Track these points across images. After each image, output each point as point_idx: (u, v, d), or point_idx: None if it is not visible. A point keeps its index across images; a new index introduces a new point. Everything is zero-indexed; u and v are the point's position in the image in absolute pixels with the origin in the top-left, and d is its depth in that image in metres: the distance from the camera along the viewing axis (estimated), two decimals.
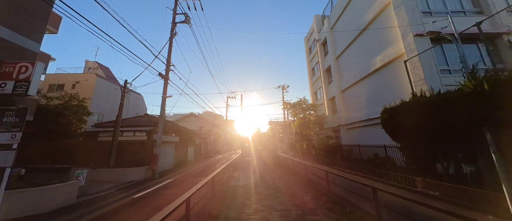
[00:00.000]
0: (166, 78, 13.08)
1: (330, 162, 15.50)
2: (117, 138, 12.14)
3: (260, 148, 53.23)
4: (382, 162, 10.60)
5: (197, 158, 22.15)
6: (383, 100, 13.35)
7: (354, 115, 16.62)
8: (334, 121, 20.31)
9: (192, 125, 36.81)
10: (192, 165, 17.40)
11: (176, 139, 15.95)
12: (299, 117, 21.31)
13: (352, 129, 17.00)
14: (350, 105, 17.59)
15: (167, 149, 14.95)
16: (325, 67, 22.21)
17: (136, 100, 27.72)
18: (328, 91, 21.79)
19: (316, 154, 19.20)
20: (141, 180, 10.96)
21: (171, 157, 15.74)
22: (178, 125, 22.05)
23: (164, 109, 12.98)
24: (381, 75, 13.50)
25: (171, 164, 15.62)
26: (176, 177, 11.82)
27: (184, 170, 14.46)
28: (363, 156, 12.65)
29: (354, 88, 16.96)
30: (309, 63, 27.92)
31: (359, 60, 16.15)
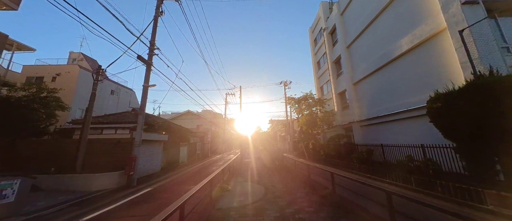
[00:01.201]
0: (149, 63, 10.66)
1: (343, 165, 13.07)
2: (86, 136, 9.72)
3: (260, 148, 50.79)
4: (420, 166, 8.18)
5: (191, 159, 19.73)
6: (412, 90, 10.93)
7: (371, 110, 14.19)
8: (345, 118, 17.89)
9: (189, 123, 34.42)
10: (184, 168, 14.98)
11: (164, 138, 13.54)
12: (305, 113, 18.88)
13: (369, 126, 14.57)
14: (366, 98, 15.15)
15: (152, 149, 12.53)
16: (334, 59, 19.78)
17: (127, 96, 25.34)
18: (337, 84, 19.35)
19: (325, 155, 16.78)
20: (112, 188, 8.54)
21: (159, 159, 13.33)
22: (169, 122, 19.65)
23: (145, 100, 10.57)
24: (408, 60, 11.07)
25: (158, 167, 13.20)
26: (158, 184, 9.39)
27: (172, 175, 12.03)
28: (389, 159, 10.23)
29: (371, 79, 14.53)
30: (314, 56, 25.49)
31: (376, 46, 13.72)
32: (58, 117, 13.41)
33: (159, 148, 13.37)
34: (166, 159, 14.29)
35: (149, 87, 10.67)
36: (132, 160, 9.08)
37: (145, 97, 10.55)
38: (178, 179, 10.67)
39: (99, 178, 8.56)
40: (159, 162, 13.34)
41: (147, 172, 11.72)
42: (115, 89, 23.73)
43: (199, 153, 21.90)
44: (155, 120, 17.23)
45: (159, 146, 13.39)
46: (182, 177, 11.36)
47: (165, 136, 13.66)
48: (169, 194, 7.63)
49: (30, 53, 20.02)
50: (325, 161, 15.71)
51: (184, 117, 35.94)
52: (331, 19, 20.04)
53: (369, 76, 14.60)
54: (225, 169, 8.93)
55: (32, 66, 19.24)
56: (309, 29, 26.76)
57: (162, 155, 13.78)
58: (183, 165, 16.66)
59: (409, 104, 10.62)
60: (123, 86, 24.73)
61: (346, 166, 12.86)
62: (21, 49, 18.94)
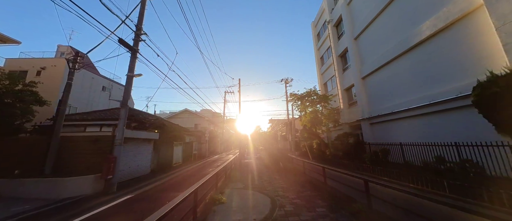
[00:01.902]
0: (134, 50, 9.22)
1: (354, 166, 11.65)
2: (58, 133, 8.27)
3: (260, 147, 49.29)
4: (453, 168, 6.76)
5: (187, 159, 18.27)
6: (435, 81, 9.53)
7: (382, 106, 12.77)
8: (352, 115, 16.47)
9: (187, 122, 32.98)
10: (177, 170, 13.52)
11: (154, 136, 12.08)
12: (309, 111, 17.44)
13: (380, 124, 13.15)
14: (376, 93, 13.73)
15: (140, 148, 11.08)
16: (339, 52, 18.37)
17: (120, 93, 23.80)
18: (343, 79, 17.94)
19: (332, 156, 15.34)
20: (85, 195, 7.09)
21: (148, 159, 11.87)
22: (162, 119, 18.20)
23: (129, 92, 9.14)
24: (430, 47, 9.66)
25: (148, 168, 11.75)
26: (142, 190, 7.93)
27: (162, 178, 10.58)
28: (410, 159, 8.80)
29: (382, 71, 13.11)
30: (317, 51, 24.09)
31: (389, 35, 12.32)
32: (36, 113, 11.94)
33: (148, 147, 11.91)
34: (158, 160, 12.83)
35: (134, 77, 9.23)
36: (111, 162, 7.62)
37: (129, 88, 9.11)
38: (168, 183, 9.21)
39: (69, 183, 7.10)
40: (149, 163, 11.88)
41: (134, 175, 10.26)
42: (107, 86, 22.27)
43: (195, 153, 20.45)
44: (146, 117, 15.79)
45: (148, 146, 11.93)
46: (173, 180, 9.89)
47: (156, 134, 12.21)
48: (149, 203, 6.18)
49: (15, 46, 18.61)
50: (331, 162, 14.27)
51: (182, 116, 34.49)
52: (336, 10, 18.64)
53: (380, 68, 13.19)
54: (220, 172, 7.48)
55: (15, 60, 17.81)
56: (312, 23, 25.36)
57: (153, 155, 12.32)
58: (177, 166, 15.20)
59: (430, 97, 9.21)
60: (115, 82, 23.27)
61: (357, 167, 11.43)
62: (5, 42, 17.50)
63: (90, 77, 20.03)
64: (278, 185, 7.96)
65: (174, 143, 15.35)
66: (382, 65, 12.91)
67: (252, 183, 8.30)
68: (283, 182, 8.60)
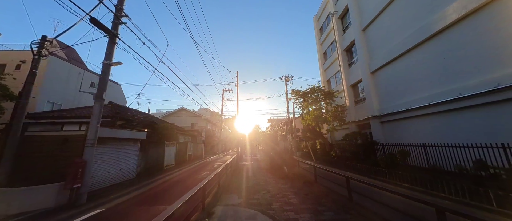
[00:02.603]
0: (113, 34, 7.78)
1: (365, 170, 10.32)
2: (17, 132, 6.81)
3: (260, 148, 47.95)
4: (499, 175, 5.44)
5: (181, 160, 16.83)
6: (465, 72, 8.19)
7: (395, 103, 11.46)
8: (359, 113, 15.15)
9: (183, 121, 31.52)
10: (168, 173, 12.10)
11: (141, 136, 10.64)
12: (312, 108, 16.11)
13: (393, 122, 11.83)
14: (388, 89, 12.41)
15: (123, 150, 9.63)
16: (345, 46, 17.04)
17: (111, 90, 22.28)
18: (350, 75, 16.60)
19: (338, 157, 14.00)
20: (45, 209, 5.66)
21: (134, 162, 10.43)
22: (153, 117, 16.74)
23: (105, 82, 7.74)
24: (456, 34, 8.33)
25: (133, 172, 10.30)
26: (117, 202, 6.49)
27: (148, 183, 9.15)
28: (437, 163, 7.47)
29: (395, 64, 11.80)
30: (320, 46, 22.75)
31: (404, 24, 11.01)
32: (5, 109, 10.45)
33: (134, 148, 10.46)
34: (146, 162, 11.38)
35: (112, 66, 7.80)
36: (79, 167, 6.18)
37: (105, 78, 7.70)
38: (152, 192, 7.78)
39: (23, 194, 5.65)
40: (134, 166, 10.43)
41: (115, 180, 8.81)
42: (97, 82, 20.68)
43: (191, 154, 19.01)
44: (135, 115, 14.33)
45: (134, 147, 10.48)
46: (159, 187, 8.46)
47: (143, 133, 10.76)
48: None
49: None
50: (338, 164, 12.93)
51: (178, 114, 33.00)
52: (341, 1, 17.29)
53: (393, 62, 11.87)
54: (213, 181, 6.06)
55: None
56: (314, 17, 24.02)
57: (140, 157, 10.88)
58: (169, 168, 13.76)
59: (457, 91, 7.89)
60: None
61: (369, 171, 10.10)
62: None
63: (76, 72, 18.51)
64: (286, 201, 6.21)
65: (165, 144, 13.90)
66: (395, 57, 11.59)
67: (251, 197, 6.63)
68: (292, 195, 6.85)
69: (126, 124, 12.29)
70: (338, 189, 6.54)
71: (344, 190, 5.99)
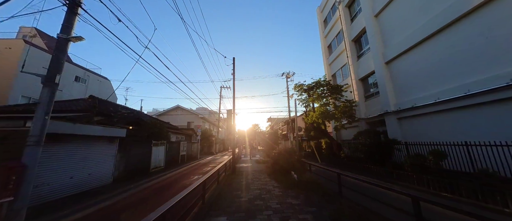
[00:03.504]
0: (73, 2, 6.04)
1: (385, 174, 8.64)
2: None
3: (260, 148, 46.13)
4: None
5: (172, 161, 15.09)
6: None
7: (417, 96, 9.79)
8: (371, 109, 13.46)
9: (179, 119, 29.79)
10: (153, 177, 10.36)
11: (119, 133, 8.87)
12: (319, 104, 14.40)
13: (414, 118, 10.14)
14: (406, 81, 10.73)
15: (93, 150, 7.87)
16: (353, 36, 15.36)
17: (99, 86, 20.54)
18: (359, 68, 14.93)
19: (348, 158, 12.30)
20: None
21: (110, 164, 8.67)
22: (138, 113, 14.98)
23: (60, 62, 5.92)
24: (501, 9, 6.67)
25: (109, 177, 8.55)
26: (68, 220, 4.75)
27: (123, 191, 7.40)
28: (489, 167, 5.78)
29: (416, 53, 10.13)
30: (324, 39, 21.07)
31: (427, 3, 9.35)
32: None
33: (110, 148, 8.70)
34: (126, 165, 9.63)
35: (71, 41, 6.04)
36: (11, 173, 4.41)
37: (60, 56, 5.91)
38: (121, 204, 6.02)
39: None
40: (111, 169, 8.67)
41: (80, 188, 7.05)
42: (82, 76, 18.94)
43: (184, 155, 17.25)
44: (119, 110, 12.57)
45: (110, 146, 8.71)
46: (135, 197, 6.71)
47: (121, 130, 9.00)
48: None
49: None
50: (349, 167, 11.24)
51: (174, 113, 31.23)
52: None
53: (414, 48, 10.20)
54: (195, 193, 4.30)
55: None
56: (317, 9, 22.34)
57: (118, 159, 9.12)
58: (156, 171, 12.02)
59: (508, 76, 6.21)
60: (93, 73, 19.95)
61: (389, 175, 8.41)
62: None
63: None
64: None
65: (153, 143, 12.15)
66: (416, 43, 9.93)
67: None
68: (312, 219, 4.47)
69: (105, 120, 10.55)
70: (380, 208, 4.48)
71: (393, 212, 4.04)
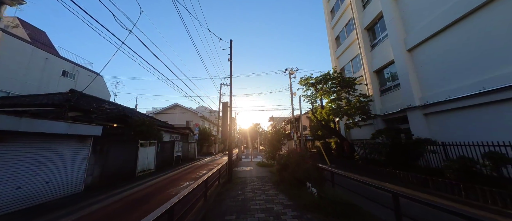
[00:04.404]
0: None
1: (418, 181, 6.95)
2: None
3: (261, 148, 44.48)
4: None
5: (165, 163, 13.48)
6: None
7: (449, 87, 8.10)
8: (388, 105, 11.75)
9: (177, 118, 28.24)
10: (137, 183, 8.78)
11: (92, 131, 7.24)
12: (329, 99, 12.72)
13: (445, 113, 8.43)
14: (435, 70, 9.01)
15: (54, 151, 6.25)
16: (366, 24, 13.65)
17: (89, 81, 18.93)
18: (373, 59, 13.21)
19: (363, 161, 10.59)
20: None
21: (81, 169, 7.05)
22: (125, 108, 13.36)
23: None
24: None
25: (79, 184, 6.94)
26: None
27: (93, 202, 5.81)
28: None
29: (447, 36, 8.43)
30: (331, 31, 19.36)
31: None
32: None
33: (79, 149, 7.07)
34: (103, 169, 8.01)
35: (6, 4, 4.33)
36: None
37: None
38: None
39: None
40: (81, 174, 7.05)
41: (33, 200, 5.45)
42: (71, 71, 17.39)
43: (179, 156, 15.64)
44: (102, 105, 11.00)
45: (79, 147, 7.09)
46: (101, 213, 5.09)
47: (95, 128, 7.37)
48: None
49: None
50: (365, 170, 9.56)
51: (171, 111, 29.68)
52: None
53: (445, 30, 8.50)
54: None
55: None
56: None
57: (91, 162, 7.51)
58: (143, 175, 10.41)
59: None
60: (83, 67, 18.39)
61: (422, 183, 6.73)
62: None
63: (42, 57, 15.17)
64: None
65: (140, 143, 10.54)
66: (449, 25, 8.22)
67: None
68: None
69: (83, 116, 8.96)
70: None
71: None
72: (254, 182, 7.70)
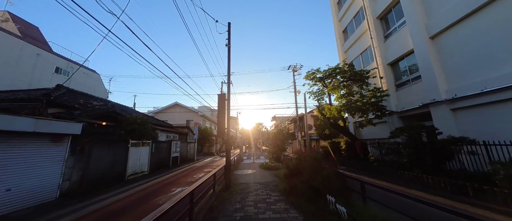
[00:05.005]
0: None
1: (451, 189, 5.73)
2: None
3: (264, 148, 43.27)
4: None
5: (160, 165, 12.47)
6: None
7: (492, 75, 6.86)
8: (405, 100, 10.51)
9: (178, 118, 27.31)
10: (125, 188, 7.77)
11: (69, 129, 6.23)
12: (339, 94, 11.54)
13: (479, 108, 7.19)
14: (468, 58, 7.76)
15: (18, 152, 5.23)
16: (379, 12, 12.40)
17: (86, 79, 18.13)
18: (388, 49, 11.97)
19: (380, 163, 9.36)
20: None
21: (55, 173, 6.05)
22: (114, 105, 12.37)
23: None
24: None
25: (53, 191, 5.94)
26: None
27: (64, 214, 4.77)
28: None
29: (480, 18, 7.20)
30: (338, 23, 18.12)
31: None
32: None
33: (53, 150, 6.06)
34: (84, 172, 7.00)
35: None
36: None
37: None
38: None
39: None
40: (56, 180, 6.04)
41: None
42: (65, 67, 16.53)
43: (176, 156, 14.62)
44: (90, 101, 10.03)
45: (54, 147, 6.08)
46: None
47: (72, 126, 6.36)
48: None
49: None
50: (382, 173, 8.36)
51: (172, 110, 28.77)
52: None
53: (479, 11, 7.26)
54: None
55: None
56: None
57: (69, 165, 6.49)
58: (135, 178, 9.40)
59: None
60: (78, 64, 17.52)
61: (459, 191, 5.51)
62: None
63: (33, 52, 14.32)
64: None
65: (131, 143, 9.52)
66: (484, 4, 7.00)
67: None
68: None
69: (65, 113, 7.98)
70: None
71: None
72: (257, 190, 6.51)
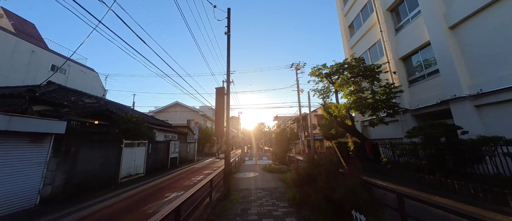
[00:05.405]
0: None
1: (485, 197, 4.92)
2: None
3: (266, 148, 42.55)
4: None
5: (158, 166, 11.82)
6: None
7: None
8: (420, 97, 9.68)
9: (178, 117, 26.72)
10: (116, 193, 7.12)
11: (50, 128, 5.57)
12: (347, 91, 10.76)
13: (507, 104, 6.38)
14: (494, 49, 6.94)
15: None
16: (389, 4, 11.56)
17: (83, 77, 17.58)
18: (398, 44, 11.16)
19: (393, 165, 8.55)
20: None
21: (35, 176, 5.39)
22: (107, 103, 11.72)
23: None
24: None
25: (33, 197, 5.28)
26: None
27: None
28: None
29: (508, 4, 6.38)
30: (343, 18, 17.31)
31: None
32: None
33: (33, 152, 5.41)
34: (70, 175, 6.34)
35: None
36: None
37: None
38: None
39: None
40: (36, 184, 5.39)
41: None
42: (60, 64, 15.98)
43: (175, 157, 13.96)
44: (82, 99, 9.40)
45: (33, 148, 5.42)
46: None
47: (55, 124, 5.70)
48: None
49: None
50: (398, 177, 7.56)
51: (172, 110, 28.19)
52: None
53: None
54: None
55: None
56: None
57: (52, 168, 5.84)
58: (130, 181, 8.74)
59: None
60: (75, 62, 16.99)
61: (500, 199, 4.72)
62: None
63: (28, 49, 13.78)
64: None
65: (125, 143, 8.85)
66: None
67: None
68: None
69: (52, 110, 7.34)
70: None
71: None
72: (261, 198, 5.62)
